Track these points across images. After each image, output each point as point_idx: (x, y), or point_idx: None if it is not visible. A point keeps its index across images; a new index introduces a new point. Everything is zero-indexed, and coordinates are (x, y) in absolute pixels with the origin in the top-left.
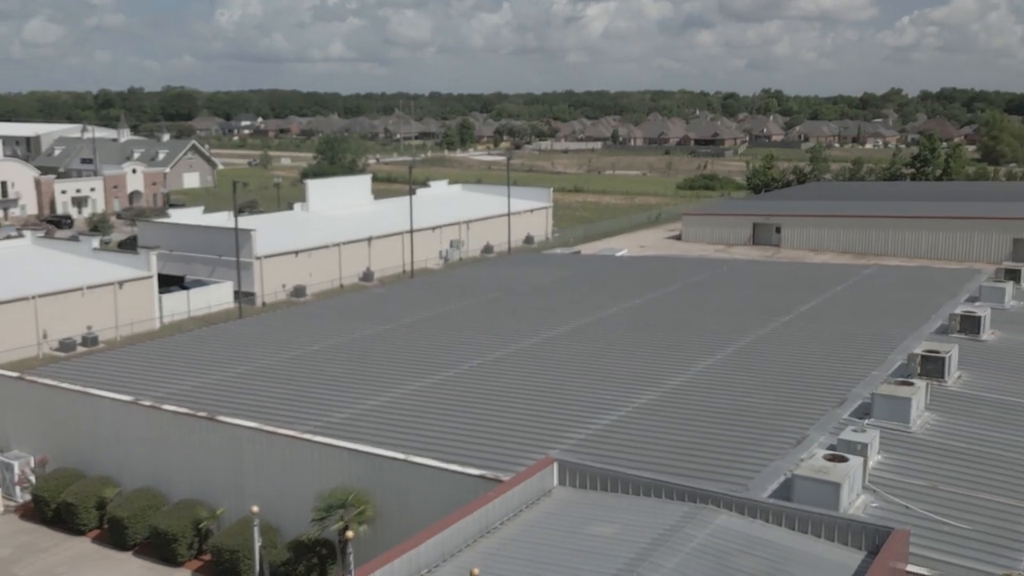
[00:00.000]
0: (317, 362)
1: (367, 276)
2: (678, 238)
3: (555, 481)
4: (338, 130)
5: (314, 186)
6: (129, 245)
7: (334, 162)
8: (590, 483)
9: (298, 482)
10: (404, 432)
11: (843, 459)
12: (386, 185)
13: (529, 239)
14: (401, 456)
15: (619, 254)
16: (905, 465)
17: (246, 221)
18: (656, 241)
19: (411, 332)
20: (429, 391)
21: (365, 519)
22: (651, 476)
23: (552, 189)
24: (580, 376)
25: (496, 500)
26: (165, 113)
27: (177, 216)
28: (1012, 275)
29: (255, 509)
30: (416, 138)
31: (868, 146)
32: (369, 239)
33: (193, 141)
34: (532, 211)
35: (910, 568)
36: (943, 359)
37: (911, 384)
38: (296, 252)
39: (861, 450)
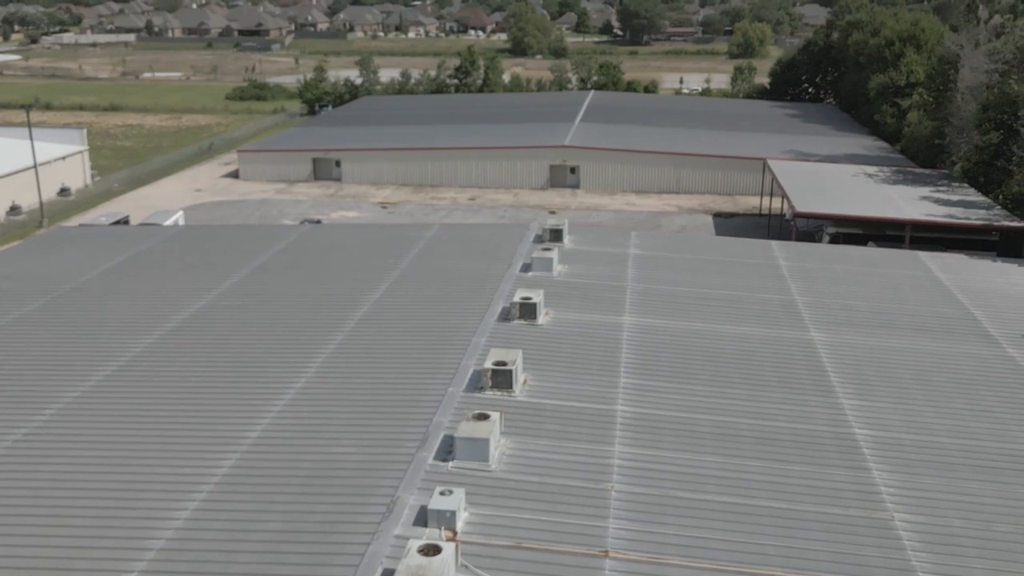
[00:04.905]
0: None
1: None
2: (236, 176)
3: None
4: None
5: None
6: None
7: None
8: None
9: None
10: None
11: (437, 550)
12: None
13: (65, 191)
14: None
15: (171, 220)
16: (490, 521)
17: None
18: (212, 181)
19: None
20: None
21: None
22: None
23: (86, 130)
24: (142, 442)
25: None
26: None
27: None
28: (556, 235)
29: None
30: None
31: (411, 35)
32: None
33: None
34: (65, 158)
35: None
36: (511, 371)
37: (487, 418)
38: None
39: (450, 518)
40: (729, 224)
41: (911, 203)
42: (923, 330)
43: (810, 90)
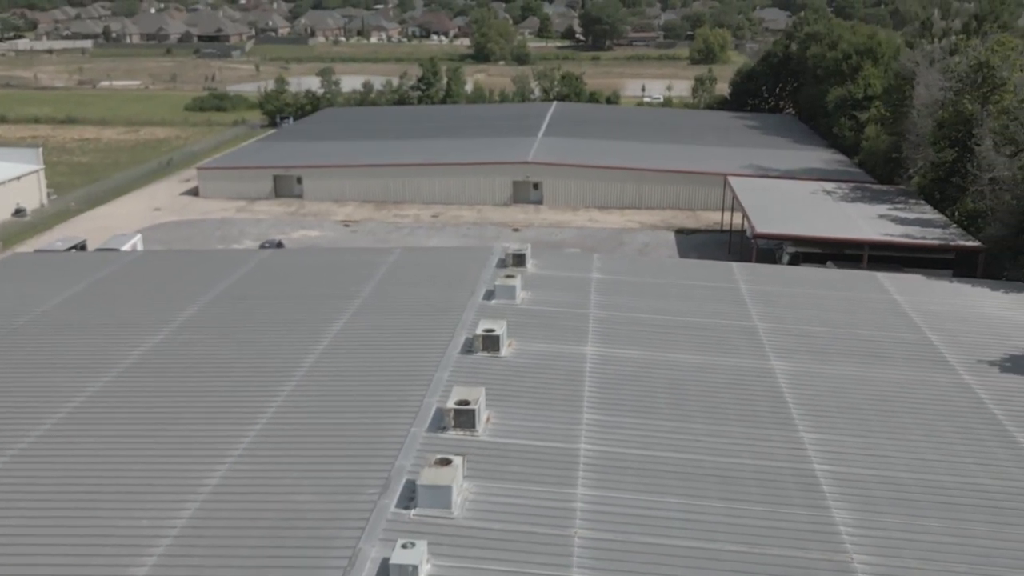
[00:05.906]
0: None
1: None
2: (196, 193)
3: None
4: None
5: None
6: None
7: None
8: None
9: None
10: None
11: None
12: None
13: (20, 211)
14: None
15: (128, 245)
16: (453, 573)
17: None
18: (171, 199)
19: None
20: None
21: None
22: None
23: (42, 148)
24: (99, 492)
25: None
26: None
27: None
28: (519, 260)
29: None
30: None
31: (374, 40)
32: None
33: None
34: (20, 178)
35: None
36: (473, 411)
37: (449, 463)
38: None
39: (412, 573)
40: (691, 241)
41: (869, 222)
42: (881, 356)
43: (770, 100)
